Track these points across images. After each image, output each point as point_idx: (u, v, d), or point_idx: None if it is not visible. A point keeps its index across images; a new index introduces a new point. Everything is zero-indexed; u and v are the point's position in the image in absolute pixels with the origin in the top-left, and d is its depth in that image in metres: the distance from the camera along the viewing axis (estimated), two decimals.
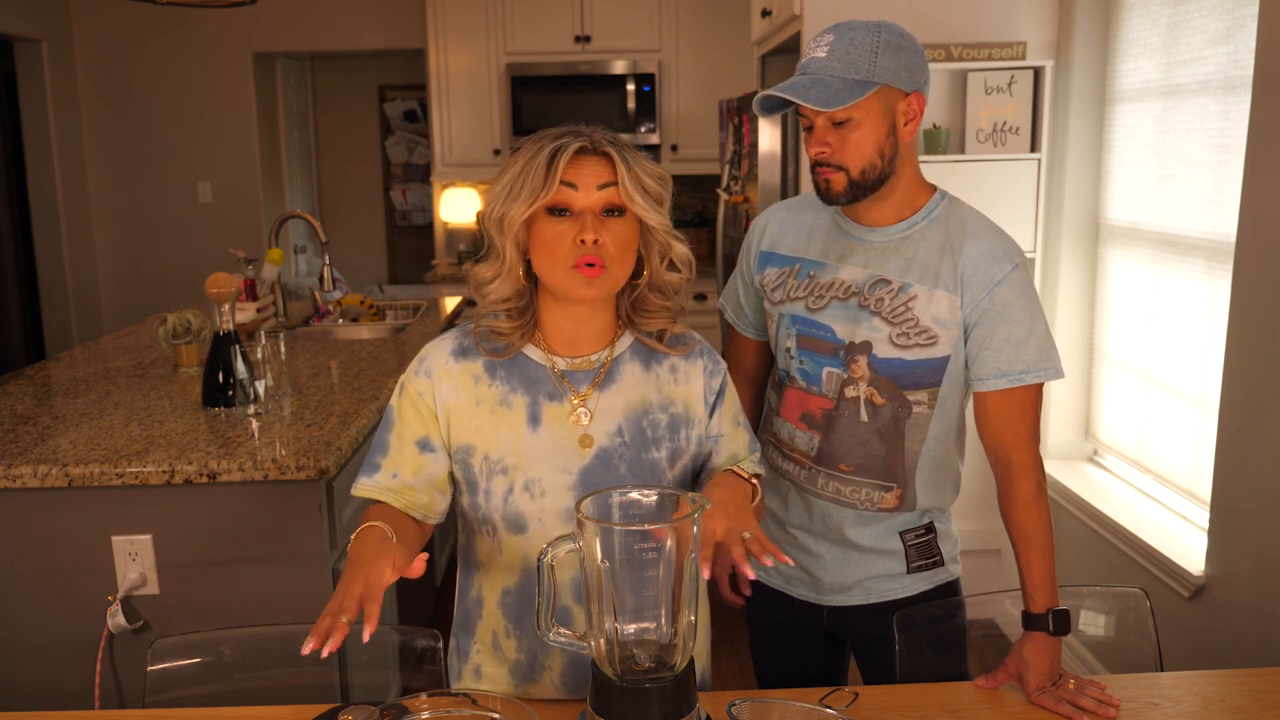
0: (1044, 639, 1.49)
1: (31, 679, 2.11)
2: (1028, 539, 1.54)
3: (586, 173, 1.29)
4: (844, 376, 1.61)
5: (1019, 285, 1.55)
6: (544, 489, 1.36)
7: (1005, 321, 1.54)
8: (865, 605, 1.70)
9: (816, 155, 1.53)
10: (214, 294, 2.43)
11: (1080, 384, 3.24)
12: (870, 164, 1.52)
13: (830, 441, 1.63)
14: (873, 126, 1.51)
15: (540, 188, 1.27)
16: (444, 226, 5.98)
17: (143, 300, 5.95)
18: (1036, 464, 1.56)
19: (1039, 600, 1.52)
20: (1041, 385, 1.57)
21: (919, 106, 1.54)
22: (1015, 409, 1.56)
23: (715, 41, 5.38)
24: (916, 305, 1.55)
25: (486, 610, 1.44)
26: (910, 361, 1.57)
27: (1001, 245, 1.57)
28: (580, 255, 1.28)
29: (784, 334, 1.67)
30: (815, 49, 1.52)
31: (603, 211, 1.29)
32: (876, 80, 1.49)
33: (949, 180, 2.88)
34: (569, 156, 1.27)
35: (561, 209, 1.29)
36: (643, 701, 1.15)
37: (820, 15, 3.07)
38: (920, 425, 1.61)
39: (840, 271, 1.61)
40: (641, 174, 1.31)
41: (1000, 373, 1.55)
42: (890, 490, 1.64)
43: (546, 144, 1.29)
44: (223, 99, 5.98)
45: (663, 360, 1.42)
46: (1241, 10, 2.37)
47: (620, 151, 1.30)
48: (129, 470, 2.02)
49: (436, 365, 1.39)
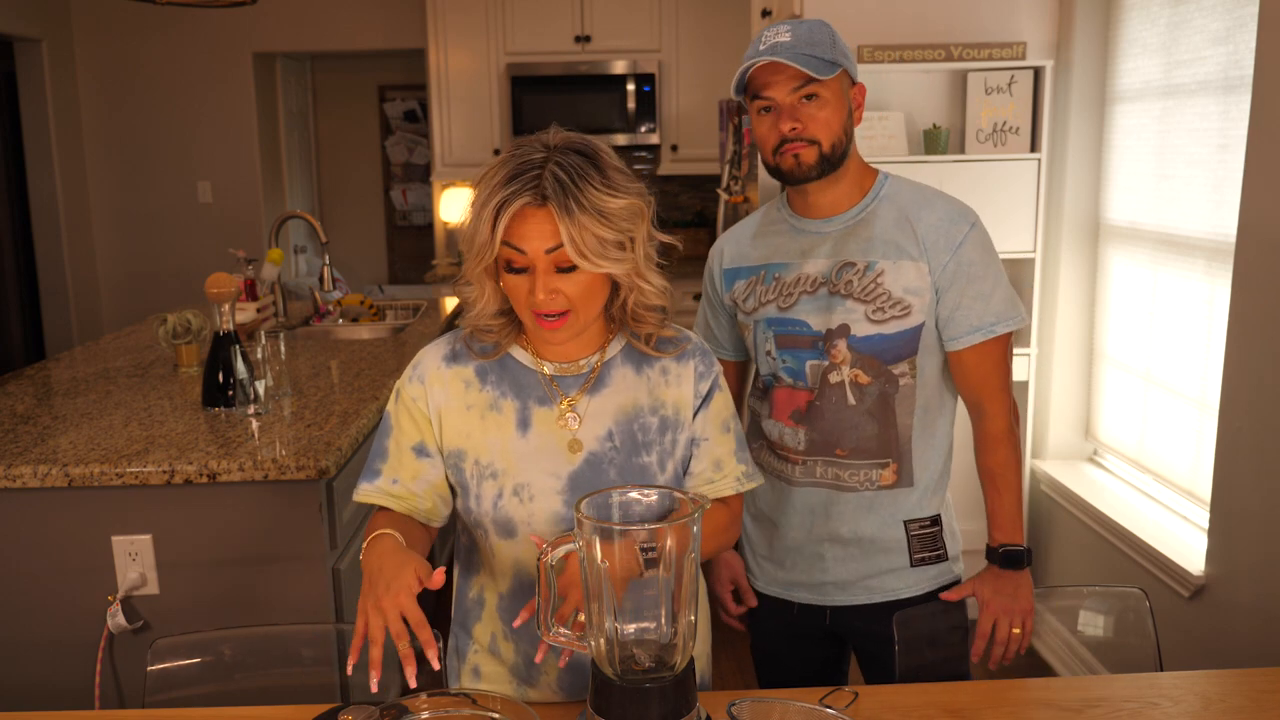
0: (997, 572, 1.63)
1: (31, 679, 2.11)
2: (992, 477, 1.67)
3: (532, 233, 1.22)
4: (825, 364, 1.64)
5: (979, 242, 1.63)
6: (533, 493, 1.36)
7: (972, 280, 1.62)
8: (868, 605, 1.71)
9: (788, 131, 1.57)
10: (214, 294, 2.43)
11: (1080, 384, 3.24)
12: (838, 139, 1.59)
13: (821, 430, 1.66)
14: (837, 105, 1.58)
15: (486, 245, 1.24)
16: (444, 226, 5.98)
17: (143, 300, 5.94)
18: (1010, 407, 1.68)
19: (995, 535, 1.66)
20: (1011, 334, 1.66)
21: (862, 97, 1.64)
22: (990, 361, 1.65)
23: (715, 41, 5.38)
24: (885, 280, 1.61)
25: (485, 612, 1.45)
26: (889, 335, 1.62)
27: (955, 208, 1.65)
28: (539, 308, 1.27)
29: (762, 338, 1.70)
30: (774, 36, 1.57)
31: (556, 269, 1.25)
32: (840, 63, 1.57)
33: (949, 180, 2.90)
34: (510, 215, 1.21)
35: (514, 267, 1.26)
36: (643, 701, 1.15)
37: (820, 15, 3.06)
38: (907, 397, 1.65)
39: (804, 267, 1.66)
40: (591, 225, 1.21)
41: (973, 328, 1.63)
42: (887, 466, 1.67)
43: (497, 189, 1.22)
44: (222, 99, 5.98)
45: (654, 362, 1.41)
46: (1241, 10, 2.37)
47: (565, 204, 1.20)
48: (129, 470, 2.02)
49: (429, 371, 1.40)
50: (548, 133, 1.28)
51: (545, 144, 1.25)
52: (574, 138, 1.27)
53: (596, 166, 1.24)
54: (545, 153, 1.24)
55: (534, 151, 1.24)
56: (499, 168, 1.25)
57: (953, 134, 3.11)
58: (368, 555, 1.24)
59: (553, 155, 1.23)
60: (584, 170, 1.23)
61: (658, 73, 5.42)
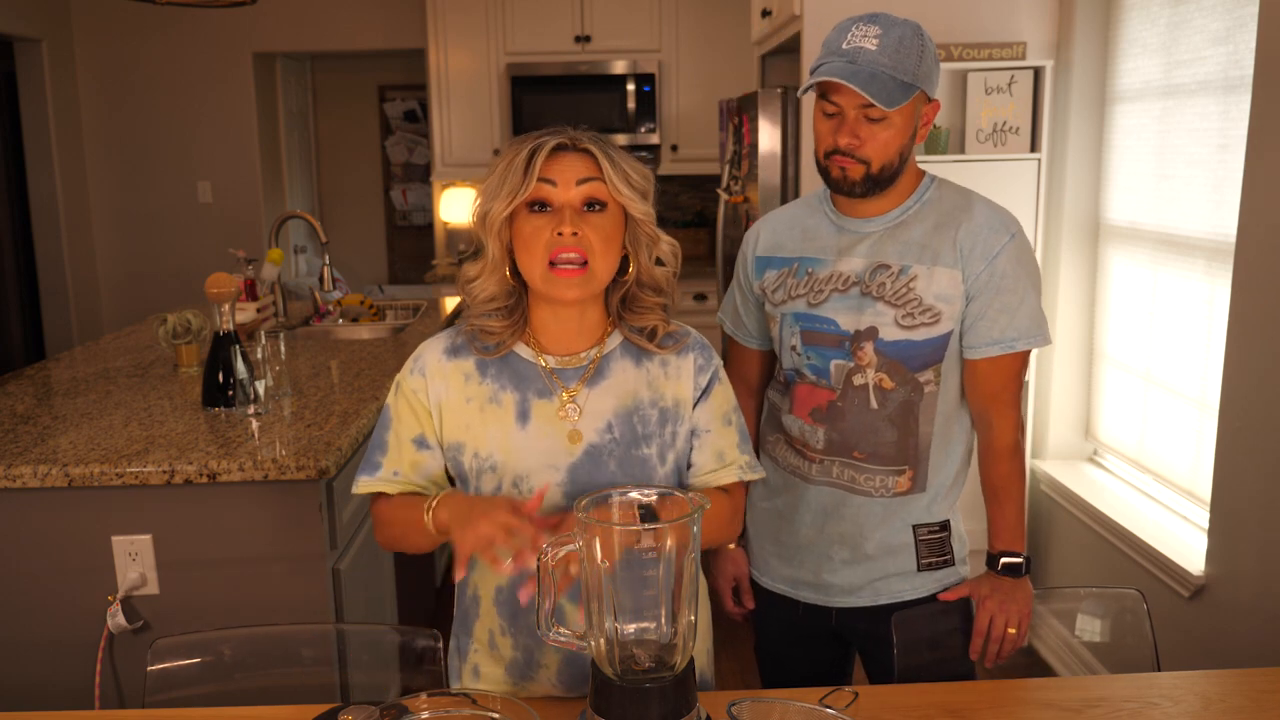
0: (994, 577, 1.64)
1: (31, 679, 2.11)
2: (995, 490, 1.67)
3: (565, 168, 1.30)
4: (850, 365, 1.62)
5: (1016, 254, 1.59)
6: (533, 485, 1.36)
7: (1001, 291, 1.58)
8: (874, 607, 1.70)
9: (845, 145, 1.54)
10: (214, 294, 2.42)
11: (1080, 384, 3.24)
12: (889, 162, 1.56)
13: (841, 431, 1.65)
14: (902, 128, 1.54)
15: (519, 185, 1.29)
16: (444, 226, 5.98)
17: (143, 300, 5.94)
18: (1018, 423, 1.66)
19: (996, 544, 1.66)
20: (1029, 352, 1.63)
21: (934, 114, 1.60)
22: (1003, 375, 1.62)
23: (715, 41, 5.38)
24: (918, 285, 1.58)
25: (483, 609, 1.45)
26: (917, 342, 1.59)
27: (998, 216, 1.61)
28: (558, 248, 1.29)
29: (788, 332, 1.68)
30: (861, 38, 1.51)
31: (583, 206, 1.30)
32: (918, 85, 1.52)
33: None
34: (546, 153, 1.29)
35: (541, 204, 1.30)
36: (643, 701, 1.15)
37: (820, 15, 3.07)
38: (930, 405, 1.64)
39: (838, 264, 1.64)
40: (625, 167, 1.32)
41: (993, 340, 1.59)
42: (903, 473, 1.66)
43: (527, 142, 1.31)
44: (222, 99, 5.98)
45: (654, 355, 1.42)
46: (1241, 10, 2.37)
47: (602, 147, 1.31)
48: (129, 470, 2.02)
49: (430, 363, 1.40)
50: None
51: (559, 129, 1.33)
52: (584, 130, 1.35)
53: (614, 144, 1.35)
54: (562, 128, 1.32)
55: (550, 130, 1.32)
56: (519, 139, 1.33)
57: (953, 134, 3.11)
58: (445, 503, 1.32)
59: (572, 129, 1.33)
60: (607, 140, 1.34)
61: (658, 73, 5.42)
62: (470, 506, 1.27)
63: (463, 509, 1.28)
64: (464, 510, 1.27)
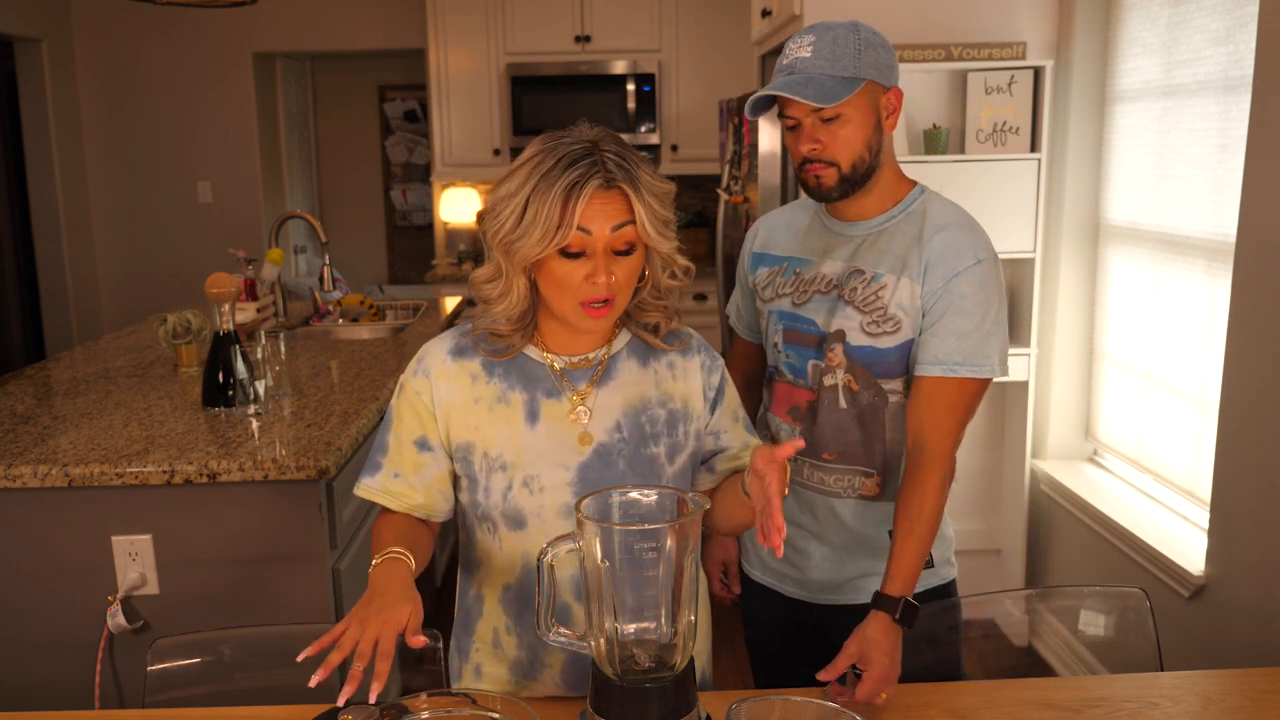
0: (889, 623, 1.46)
1: (31, 679, 2.11)
2: (911, 524, 1.52)
3: (599, 214, 1.25)
4: (823, 366, 1.64)
5: (978, 280, 1.56)
6: (543, 485, 1.36)
7: (956, 312, 1.56)
8: (856, 605, 1.70)
9: (808, 152, 1.57)
10: (214, 294, 2.43)
11: (1080, 384, 3.24)
12: (859, 158, 1.56)
13: (813, 432, 1.66)
14: (861, 121, 1.55)
15: (554, 231, 1.24)
16: (444, 227, 5.98)
17: (143, 300, 5.94)
18: (949, 459, 1.57)
19: (897, 584, 1.50)
20: (979, 385, 1.57)
21: (898, 101, 1.59)
22: (944, 400, 1.57)
23: (715, 41, 5.38)
24: (885, 294, 1.59)
25: (487, 608, 1.45)
26: (881, 349, 1.60)
27: (969, 240, 1.59)
28: (591, 294, 1.28)
29: (772, 329, 1.72)
30: (798, 49, 1.55)
31: (614, 250, 1.28)
32: (863, 76, 1.53)
33: (949, 180, 2.90)
34: (587, 197, 1.23)
35: (576, 252, 1.27)
36: (643, 701, 1.15)
37: (820, 15, 3.05)
38: (896, 415, 1.64)
39: (822, 266, 1.66)
40: (654, 204, 1.27)
41: (936, 360, 1.56)
42: (870, 477, 1.66)
43: (559, 174, 1.23)
44: (222, 99, 5.98)
45: (660, 357, 1.43)
46: (1241, 10, 2.37)
47: (636, 187, 1.26)
48: (129, 470, 2.02)
49: (434, 365, 1.40)
50: (576, 128, 1.30)
51: (582, 137, 1.28)
52: (603, 130, 1.30)
53: (636, 155, 1.30)
54: (588, 143, 1.26)
55: (575, 143, 1.26)
56: (545, 156, 1.26)
57: (953, 134, 3.11)
58: (378, 573, 1.26)
59: (598, 143, 1.27)
60: (632, 157, 1.28)
61: (658, 73, 5.42)
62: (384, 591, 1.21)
63: (379, 588, 1.22)
64: (379, 589, 1.22)
